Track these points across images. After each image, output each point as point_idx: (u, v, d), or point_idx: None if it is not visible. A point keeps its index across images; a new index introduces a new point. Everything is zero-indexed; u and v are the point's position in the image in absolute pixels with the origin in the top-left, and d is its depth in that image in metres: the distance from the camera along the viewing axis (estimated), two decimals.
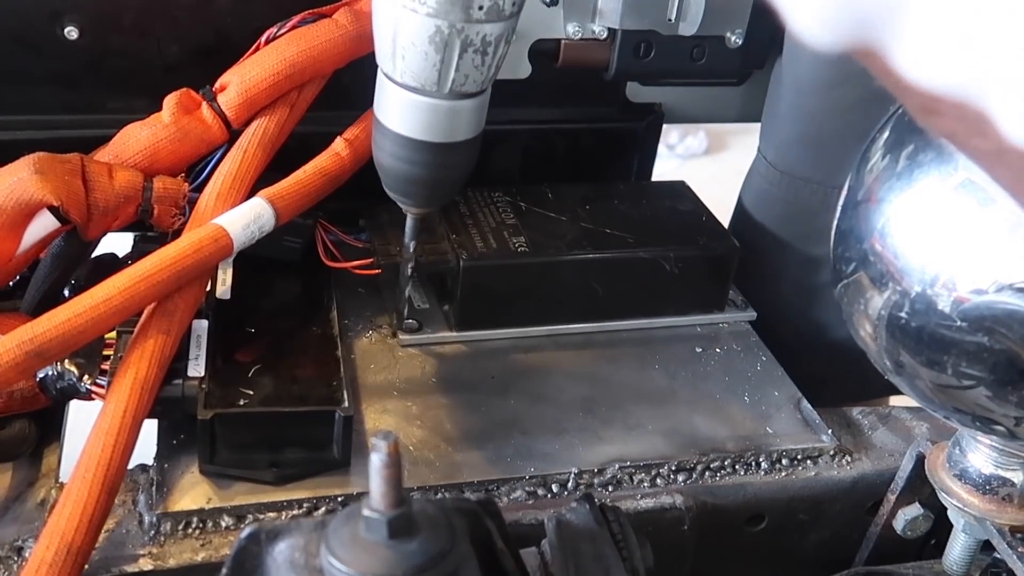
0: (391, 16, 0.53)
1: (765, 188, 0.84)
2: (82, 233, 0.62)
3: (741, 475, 0.64)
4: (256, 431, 0.58)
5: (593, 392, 0.68)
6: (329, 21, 0.68)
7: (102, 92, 0.73)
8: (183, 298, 0.59)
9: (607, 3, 0.70)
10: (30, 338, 0.52)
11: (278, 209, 0.62)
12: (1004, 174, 0.27)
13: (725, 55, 0.74)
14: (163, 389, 0.57)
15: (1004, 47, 0.22)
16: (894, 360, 0.48)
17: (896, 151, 0.47)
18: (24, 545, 0.55)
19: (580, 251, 0.72)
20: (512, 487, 0.61)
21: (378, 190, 0.63)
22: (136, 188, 0.63)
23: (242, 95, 0.66)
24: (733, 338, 0.76)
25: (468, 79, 0.55)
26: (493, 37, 0.53)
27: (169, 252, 0.58)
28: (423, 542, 0.37)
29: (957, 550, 0.59)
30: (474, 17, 0.52)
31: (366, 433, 0.62)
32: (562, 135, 0.85)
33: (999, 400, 0.45)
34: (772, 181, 0.83)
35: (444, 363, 0.70)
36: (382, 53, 0.56)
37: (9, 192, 0.58)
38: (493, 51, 0.54)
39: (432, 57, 0.53)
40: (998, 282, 0.42)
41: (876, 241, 0.47)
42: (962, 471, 0.56)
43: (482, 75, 0.55)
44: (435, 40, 0.52)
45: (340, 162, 0.67)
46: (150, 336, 0.57)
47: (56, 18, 0.69)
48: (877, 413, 0.70)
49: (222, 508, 0.57)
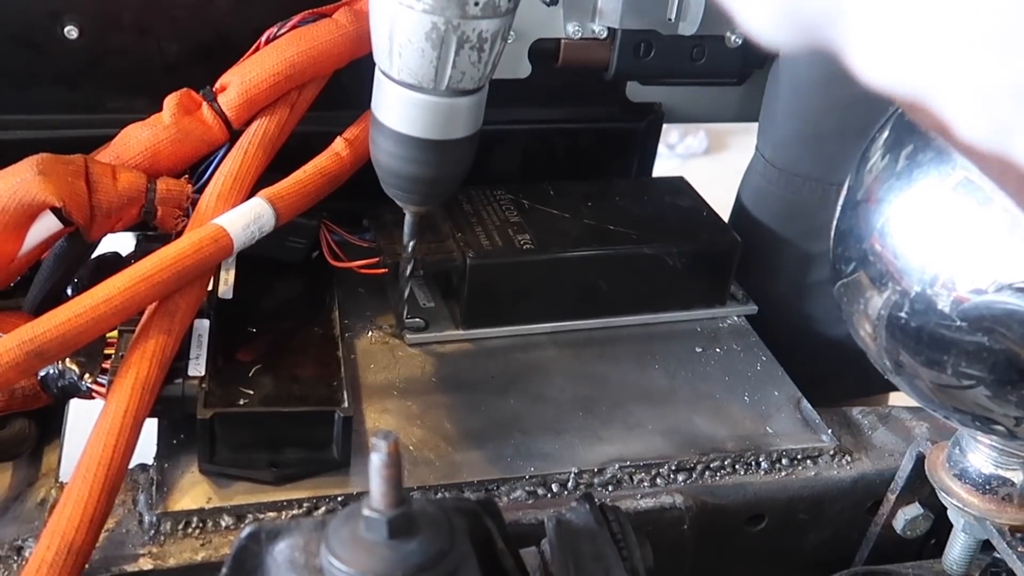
0: (388, 13, 0.53)
1: (763, 186, 0.84)
2: (85, 234, 0.62)
3: (741, 475, 0.64)
4: (256, 431, 0.58)
5: (593, 392, 0.69)
6: (329, 21, 0.68)
7: (102, 92, 0.73)
8: (184, 298, 0.59)
9: (607, 3, 0.70)
10: (30, 338, 0.52)
11: (278, 209, 0.62)
12: (989, 169, 0.27)
13: (725, 55, 0.74)
14: (163, 388, 0.57)
15: (946, 51, 0.21)
16: (894, 360, 0.48)
17: (896, 151, 0.47)
18: (24, 545, 0.55)
19: (584, 248, 0.73)
20: (512, 487, 0.61)
21: (381, 190, 0.63)
22: (139, 189, 0.63)
23: (242, 95, 0.66)
24: (733, 337, 0.76)
25: (465, 76, 0.55)
26: (489, 33, 0.53)
27: (169, 252, 0.58)
28: (423, 542, 0.37)
29: (957, 550, 0.59)
30: (470, 13, 0.52)
31: (366, 433, 0.62)
32: (562, 135, 0.85)
33: (999, 400, 0.45)
34: (770, 179, 0.83)
35: (444, 363, 0.70)
36: (379, 50, 0.56)
37: (12, 193, 0.58)
38: (490, 47, 0.54)
39: (429, 54, 0.53)
40: (998, 282, 0.42)
41: (876, 241, 0.47)
42: (962, 471, 0.56)
43: (479, 72, 0.55)
44: (431, 37, 0.52)
45: (340, 162, 0.67)
46: (151, 336, 0.57)
47: (56, 18, 0.70)
48: (877, 413, 0.70)
49: (222, 508, 0.57)
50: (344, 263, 0.70)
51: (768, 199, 0.84)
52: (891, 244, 0.46)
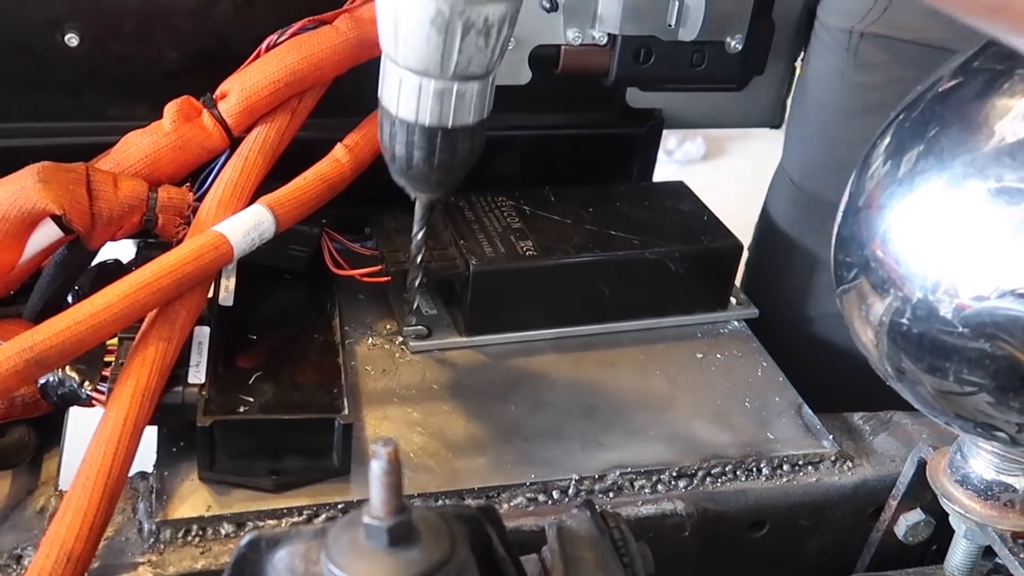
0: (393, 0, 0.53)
1: (789, 208, 0.85)
2: (85, 242, 0.62)
3: (742, 481, 0.64)
4: (255, 438, 0.58)
5: (594, 398, 0.68)
6: (330, 28, 0.68)
7: (102, 99, 0.73)
8: (184, 305, 0.59)
9: (607, 9, 0.70)
10: (30, 346, 0.52)
11: (278, 216, 0.62)
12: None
13: (725, 60, 0.74)
14: (163, 396, 0.57)
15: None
16: (895, 366, 0.48)
17: (897, 157, 0.47)
18: (23, 553, 0.55)
19: (587, 253, 0.73)
20: (513, 493, 0.61)
21: (382, 196, 0.63)
22: (140, 198, 0.63)
23: (243, 102, 0.66)
24: (734, 343, 0.76)
25: (472, 62, 0.55)
26: (495, 18, 0.53)
27: (169, 259, 0.57)
28: (423, 549, 0.37)
29: (959, 556, 0.59)
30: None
31: (366, 440, 0.62)
32: (562, 141, 0.85)
33: (1001, 406, 0.45)
34: (799, 203, 0.84)
35: (445, 370, 0.70)
36: (385, 37, 0.56)
37: (12, 201, 0.58)
38: (496, 33, 0.54)
39: (434, 39, 0.53)
40: (1000, 288, 0.42)
41: (877, 247, 0.47)
42: (964, 477, 0.56)
43: (486, 57, 0.55)
44: (436, 22, 0.52)
45: (340, 169, 0.67)
46: (151, 343, 0.57)
47: (56, 25, 0.70)
48: (878, 418, 0.70)
49: (222, 515, 0.57)
50: (346, 271, 0.70)
51: (794, 221, 0.85)
52: (893, 250, 0.46)
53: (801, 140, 0.86)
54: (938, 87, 0.48)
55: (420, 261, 0.68)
